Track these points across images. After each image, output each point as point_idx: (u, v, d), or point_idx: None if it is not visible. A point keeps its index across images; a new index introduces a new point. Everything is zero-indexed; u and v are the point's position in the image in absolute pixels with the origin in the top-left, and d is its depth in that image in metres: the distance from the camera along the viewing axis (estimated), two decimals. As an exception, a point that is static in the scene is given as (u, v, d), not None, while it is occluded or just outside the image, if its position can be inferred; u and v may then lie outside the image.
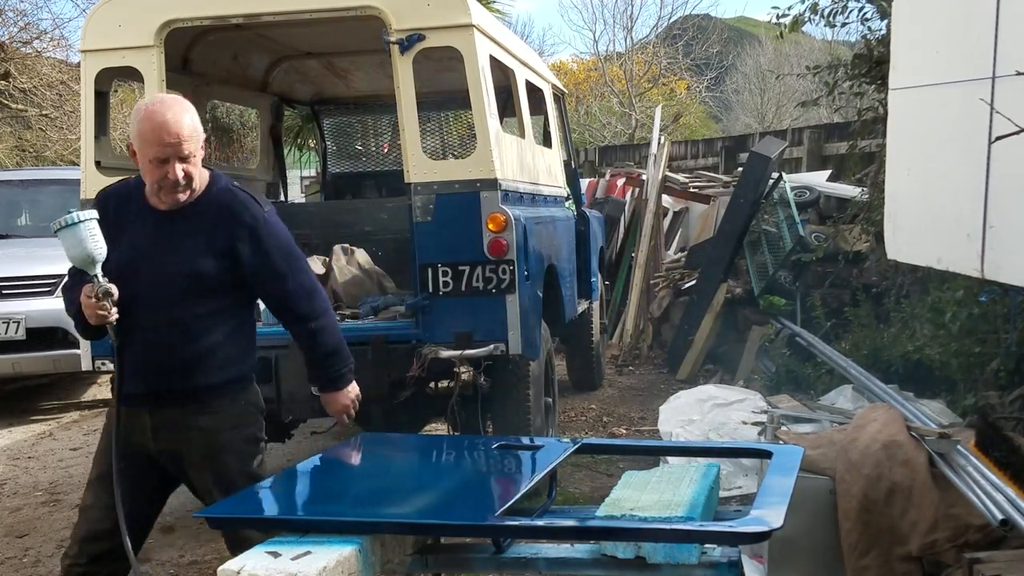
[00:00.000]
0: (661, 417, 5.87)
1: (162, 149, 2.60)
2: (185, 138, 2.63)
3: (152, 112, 2.62)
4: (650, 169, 9.92)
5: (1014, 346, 4.31)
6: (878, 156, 6.22)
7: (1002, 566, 2.89)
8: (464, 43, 4.33)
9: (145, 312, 2.68)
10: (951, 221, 3.45)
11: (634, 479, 2.45)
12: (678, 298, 8.68)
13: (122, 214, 2.76)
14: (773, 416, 4.81)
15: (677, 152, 13.31)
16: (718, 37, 30.88)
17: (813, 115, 17.25)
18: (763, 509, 2.06)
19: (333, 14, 4.41)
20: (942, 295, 4.94)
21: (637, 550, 2.18)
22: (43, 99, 15.05)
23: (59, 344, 7.11)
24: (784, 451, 2.58)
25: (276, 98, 6.47)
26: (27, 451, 6.61)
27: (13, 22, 15.23)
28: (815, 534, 3.47)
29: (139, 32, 4.40)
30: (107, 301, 2.62)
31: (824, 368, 6.07)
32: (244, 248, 2.72)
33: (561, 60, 33.90)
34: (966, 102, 3.25)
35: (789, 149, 10.00)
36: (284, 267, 2.80)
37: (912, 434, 3.49)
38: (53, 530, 4.98)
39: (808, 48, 28.16)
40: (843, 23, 6.52)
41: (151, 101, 2.69)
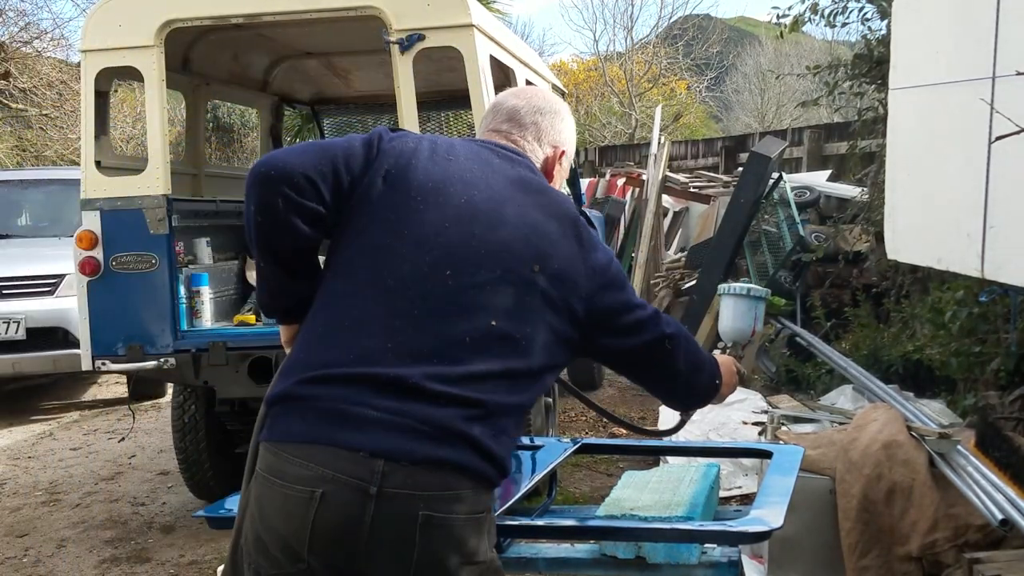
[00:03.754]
0: (661, 417, 5.88)
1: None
2: None
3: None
4: (650, 169, 9.92)
5: (1014, 346, 4.31)
6: (878, 156, 6.22)
7: (1002, 566, 2.89)
8: (464, 43, 4.33)
9: None
10: (951, 221, 3.44)
11: (634, 479, 2.45)
12: (678, 298, 8.68)
13: None
14: (773, 416, 4.81)
15: (677, 152, 13.31)
16: (718, 37, 30.88)
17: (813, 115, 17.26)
18: (763, 509, 2.06)
19: (333, 14, 4.41)
20: (942, 295, 4.94)
21: (637, 550, 2.18)
22: (43, 99, 15.05)
23: (59, 344, 7.10)
24: (784, 451, 2.58)
25: (276, 98, 6.47)
26: (27, 451, 6.61)
27: (13, 22, 15.26)
28: (815, 534, 3.47)
29: (139, 32, 4.40)
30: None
31: (824, 368, 6.07)
32: None
33: (561, 60, 33.93)
34: (966, 102, 3.25)
35: (789, 149, 10.00)
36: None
37: (912, 434, 3.49)
38: (53, 530, 4.98)
39: (808, 48, 28.16)
40: (843, 23, 6.53)
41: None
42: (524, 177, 1.95)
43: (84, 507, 5.34)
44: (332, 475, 1.66)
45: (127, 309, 4.40)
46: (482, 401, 1.73)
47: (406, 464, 1.66)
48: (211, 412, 4.87)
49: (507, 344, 1.78)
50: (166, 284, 4.39)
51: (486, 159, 1.94)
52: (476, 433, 1.72)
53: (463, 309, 1.77)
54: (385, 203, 1.84)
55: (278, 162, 1.80)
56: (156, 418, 7.34)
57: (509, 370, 1.78)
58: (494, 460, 1.75)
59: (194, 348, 4.42)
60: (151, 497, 5.45)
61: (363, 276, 1.81)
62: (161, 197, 4.38)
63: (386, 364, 1.72)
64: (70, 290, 6.07)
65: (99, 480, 5.84)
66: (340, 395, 1.71)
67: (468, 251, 1.80)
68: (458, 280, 1.78)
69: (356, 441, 1.67)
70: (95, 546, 4.72)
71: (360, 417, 1.69)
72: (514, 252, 1.82)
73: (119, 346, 4.40)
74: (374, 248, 1.82)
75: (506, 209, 1.86)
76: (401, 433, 1.68)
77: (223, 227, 5.40)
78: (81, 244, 4.39)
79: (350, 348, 1.75)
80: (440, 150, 1.91)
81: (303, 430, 1.72)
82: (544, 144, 2.06)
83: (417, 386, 1.70)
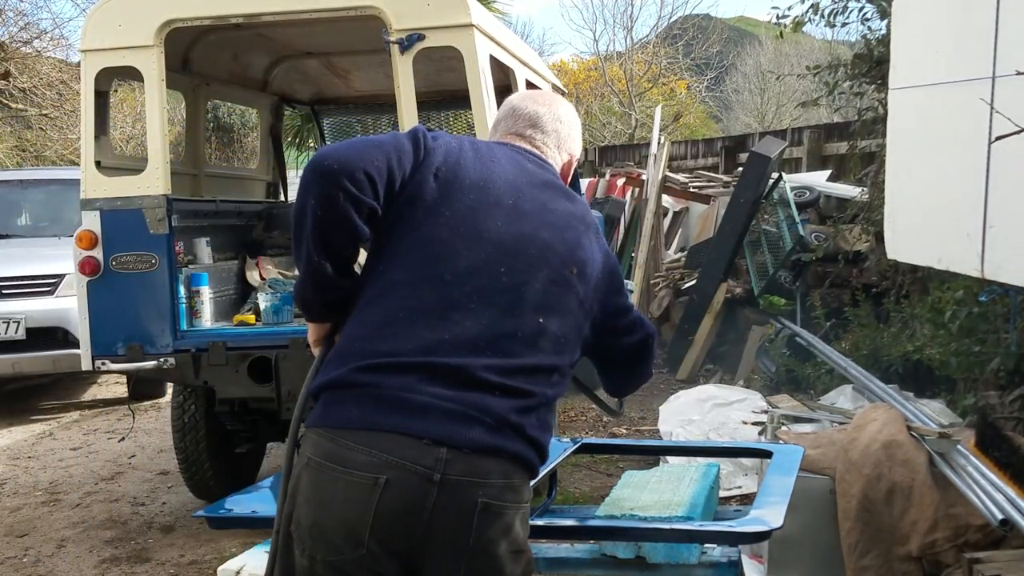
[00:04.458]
0: (661, 417, 5.87)
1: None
2: None
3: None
4: (650, 169, 9.92)
5: (1014, 346, 4.31)
6: (878, 156, 6.22)
7: (1002, 566, 2.89)
8: (464, 43, 4.33)
9: None
10: (951, 221, 3.44)
11: (634, 479, 2.45)
12: (678, 298, 8.68)
13: None
14: (773, 416, 4.81)
15: (677, 152, 13.31)
16: (718, 37, 30.87)
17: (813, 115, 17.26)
18: (763, 509, 2.06)
19: (333, 14, 4.41)
20: (942, 295, 4.94)
21: (637, 550, 2.18)
22: (43, 99, 15.05)
23: (59, 344, 7.10)
24: (784, 451, 2.58)
25: (276, 98, 6.47)
26: (27, 451, 6.61)
27: (13, 22, 15.25)
28: (815, 534, 3.47)
29: (139, 32, 4.40)
30: None
31: (824, 368, 6.07)
32: None
33: (561, 60, 33.93)
34: (966, 102, 3.25)
35: (789, 149, 10.00)
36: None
37: (912, 434, 3.49)
38: (53, 530, 4.98)
39: (808, 48, 28.15)
40: (843, 23, 6.53)
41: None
42: (553, 182, 2.03)
43: (84, 507, 5.34)
44: (397, 461, 1.69)
45: (127, 309, 4.40)
46: (533, 393, 1.81)
47: (468, 452, 1.71)
48: (211, 412, 4.87)
49: (551, 340, 1.87)
50: (166, 284, 4.39)
51: (520, 163, 2.01)
52: (527, 424, 1.79)
53: (516, 305, 1.84)
54: (439, 200, 1.88)
55: (340, 156, 1.82)
56: (156, 418, 7.33)
57: (552, 365, 1.87)
58: (541, 451, 1.84)
59: (194, 348, 4.42)
60: (151, 497, 5.45)
61: (420, 269, 1.85)
62: (161, 197, 4.37)
63: (444, 354, 1.77)
64: (70, 290, 6.07)
65: (99, 480, 5.84)
66: (400, 383, 1.75)
67: (521, 250, 1.88)
68: (512, 277, 1.86)
69: (419, 428, 1.71)
70: (95, 546, 4.72)
71: (421, 404, 1.73)
72: (557, 253, 1.91)
73: (119, 346, 4.40)
74: (430, 242, 1.86)
75: (546, 212, 1.94)
76: (462, 421, 1.73)
77: (223, 227, 5.39)
78: (81, 244, 4.39)
79: (408, 338, 1.79)
80: (482, 152, 1.98)
81: (362, 416, 1.74)
82: (563, 151, 2.14)
83: (475, 376, 1.76)
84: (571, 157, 2.17)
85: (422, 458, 1.69)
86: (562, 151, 2.14)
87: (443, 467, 1.69)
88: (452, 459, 1.70)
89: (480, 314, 1.82)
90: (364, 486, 1.69)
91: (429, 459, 1.69)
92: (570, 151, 2.16)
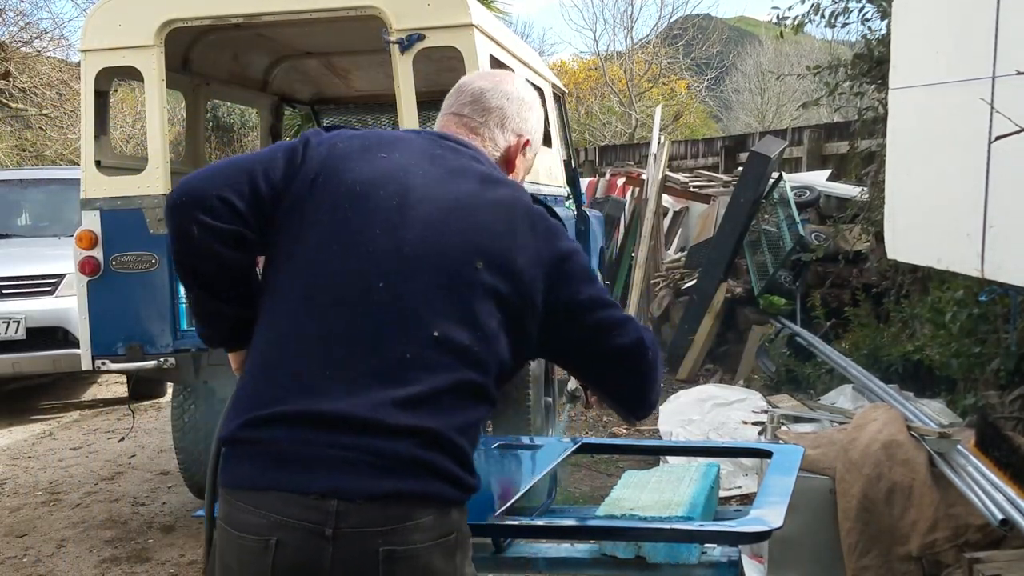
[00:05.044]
0: (661, 417, 5.87)
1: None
2: None
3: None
4: (650, 169, 9.92)
5: (1014, 346, 4.31)
6: (878, 156, 6.22)
7: (1002, 566, 2.89)
8: (464, 43, 4.33)
9: None
10: (951, 221, 3.45)
11: (634, 479, 2.45)
12: (678, 298, 8.68)
13: None
14: (773, 416, 4.81)
15: (677, 152, 13.31)
16: (718, 37, 30.87)
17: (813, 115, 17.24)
18: (763, 509, 2.06)
19: (333, 14, 4.41)
20: (942, 295, 4.94)
21: (637, 550, 2.18)
22: (43, 98, 15.06)
23: (59, 344, 7.10)
24: (784, 451, 2.58)
25: (276, 98, 6.47)
26: (27, 451, 6.61)
27: (13, 22, 15.25)
28: (815, 534, 3.47)
29: (139, 32, 4.40)
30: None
31: (824, 368, 6.08)
32: None
33: (561, 60, 33.93)
34: (966, 102, 3.25)
35: (789, 149, 10.00)
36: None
37: (912, 434, 3.49)
38: (53, 530, 4.98)
39: (808, 48, 28.15)
40: (843, 23, 6.53)
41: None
42: (468, 168, 1.79)
43: (84, 507, 5.34)
44: (285, 520, 1.59)
45: (127, 309, 4.40)
46: (432, 427, 1.62)
47: (361, 501, 1.58)
48: (211, 412, 4.87)
49: (454, 354, 1.66)
50: (166, 284, 4.39)
51: (427, 151, 1.80)
52: (432, 457, 1.62)
53: (401, 322, 1.65)
54: (314, 213, 1.71)
55: (189, 186, 1.71)
56: (156, 418, 7.33)
57: (460, 382, 1.66)
58: (456, 480, 1.65)
59: (194, 348, 4.42)
60: (151, 497, 5.45)
61: (296, 297, 1.69)
62: (161, 197, 4.37)
63: (329, 395, 1.61)
64: (70, 290, 6.07)
65: (99, 480, 5.84)
66: (284, 436, 1.62)
67: (400, 258, 1.67)
68: (392, 291, 1.66)
69: (305, 483, 1.59)
70: (95, 546, 4.72)
71: (307, 457, 1.60)
72: (452, 252, 1.69)
73: (119, 346, 4.40)
74: (305, 264, 1.70)
75: (444, 205, 1.72)
76: (352, 469, 1.59)
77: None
78: (81, 244, 4.39)
79: (289, 381, 1.65)
80: (374, 147, 1.78)
81: (252, 476, 1.64)
82: (507, 131, 1.93)
83: (365, 418, 1.60)
84: (519, 138, 1.94)
85: (310, 514, 1.57)
86: (506, 130, 1.92)
87: (335, 520, 1.57)
88: (344, 511, 1.57)
89: (363, 341, 1.64)
90: (256, 549, 1.60)
91: (318, 514, 1.57)
92: (518, 130, 1.94)
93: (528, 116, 1.97)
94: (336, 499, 1.58)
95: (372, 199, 1.71)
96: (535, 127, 1.99)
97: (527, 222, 1.75)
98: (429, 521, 1.62)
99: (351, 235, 1.69)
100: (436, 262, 1.68)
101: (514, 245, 1.72)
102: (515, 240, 1.72)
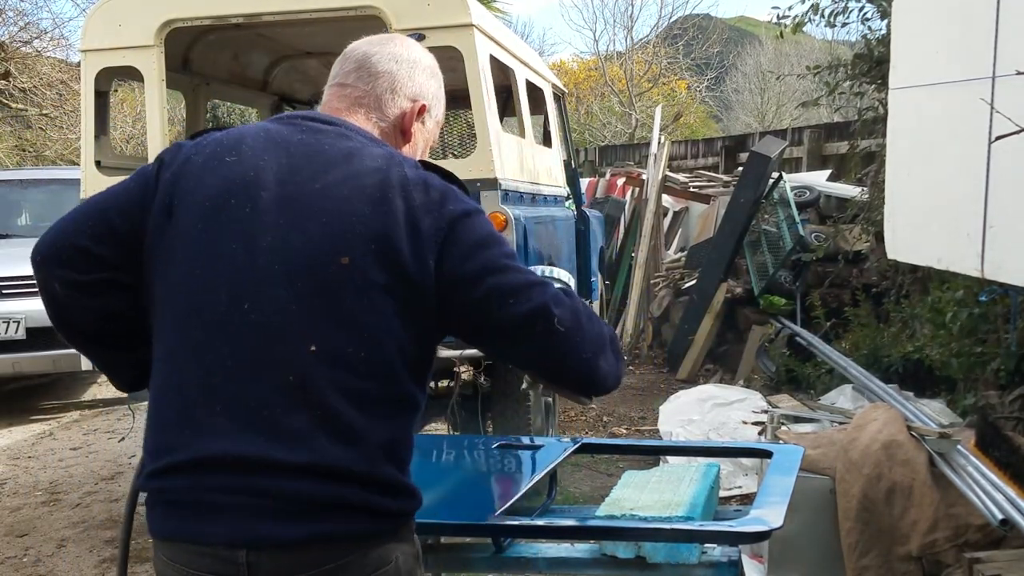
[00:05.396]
0: (661, 417, 5.88)
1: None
2: None
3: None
4: (650, 169, 9.92)
5: (1014, 346, 4.31)
6: (878, 156, 6.22)
7: (1002, 566, 2.89)
8: (464, 43, 4.33)
9: None
10: (951, 221, 3.45)
11: (634, 479, 2.45)
12: (678, 298, 8.69)
13: None
14: (773, 416, 4.81)
15: (677, 152, 13.31)
16: (718, 37, 30.88)
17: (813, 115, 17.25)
18: (763, 509, 2.06)
19: (333, 14, 4.41)
20: (942, 295, 4.94)
21: (637, 550, 2.18)
22: (43, 98, 15.06)
23: (59, 344, 7.03)
24: (784, 451, 2.58)
25: (276, 98, 6.47)
26: (27, 451, 6.61)
27: (13, 22, 15.25)
28: (815, 534, 3.47)
29: (139, 32, 4.40)
30: None
31: (824, 368, 6.08)
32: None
33: (561, 60, 33.95)
34: (966, 102, 3.25)
35: (789, 149, 10.00)
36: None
37: (912, 434, 3.49)
38: (53, 530, 4.98)
39: (808, 48, 28.16)
40: (843, 23, 6.53)
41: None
42: (333, 149, 1.59)
43: (84, 507, 5.34)
44: (196, 574, 1.50)
45: (127, 309, 4.40)
46: (331, 459, 1.46)
47: (271, 549, 1.45)
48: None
49: (339, 367, 1.48)
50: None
51: (282, 141, 1.61)
52: (338, 492, 1.47)
53: (276, 343, 1.49)
54: (173, 242, 1.55)
55: (42, 242, 1.62)
56: (156, 418, 7.33)
57: (357, 395, 1.49)
58: (376, 511, 1.50)
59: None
60: (151, 497, 5.45)
61: (174, 334, 1.55)
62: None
63: (218, 434, 1.48)
64: (70, 290, 6.06)
65: (99, 480, 5.84)
66: (184, 485, 1.50)
67: (261, 272, 1.50)
68: (258, 310, 1.49)
69: (210, 534, 1.47)
70: (95, 546, 4.72)
71: (210, 505, 1.47)
72: (313, 251, 1.50)
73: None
74: (175, 298, 1.55)
75: (302, 200, 1.54)
76: (256, 515, 1.45)
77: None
78: (81, 244, 4.38)
79: (180, 426, 1.51)
80: (224, 151, 1.60)
81: (163, 527, 1.54)
82: (399, 96, 1.72)
83: (263, 457, 1.46)
84: (414, 103, 1.73)
85: (220, 567, 1.47)
86: (398, 95, 1.71)
87: (247, 571, 1.46)
88: (255, 560, 1.45)
89: (240, 371, 1.49)
90: None
91: (227, 566, 1.46)
92: (412, 95, 1.73)
93: (423, 80, 1.76)
94: (244, 549, 1.46)
95: (224, 212, 1.54)
96: (433, 92, 1.78)
97: (402, 194, 1.54)
98: (354, 559, 1.49)
99: (211, 258, 1.53)
100: (298, 267, 1.50)
101: (389, 224, 1.51)
102: (389, 218, 1.51)
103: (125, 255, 1.59)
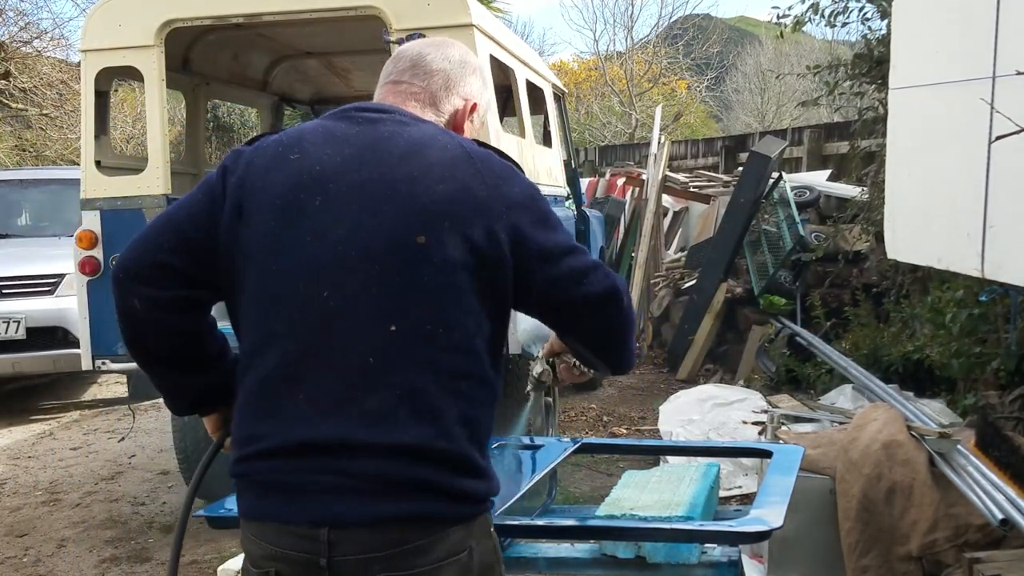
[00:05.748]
0: (661, 417, 5.88)
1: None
2: None
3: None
4: (650, 169, 9.92)
5: (1014, 346, 4.31)
6: (878, 156, 6.22)
7: (1002, 566, 2.89)
8: (464, 43, 4.32)
9: None
10: (951, 221, 3.45)
11: (634, 479, 2.45)
12: (678, 298, 8.69)
13: None
14: (773, 416, 4.81)
15: (677, 152, 13.31)
16: (718, 37, 30.87)
17: (813, 115, 17.26)
18: (763, 509, 2.06)
19: (333, 14, 4.41)
20: (942, 295, 4.94)
21: (637, 550, 2.18)
22: (43, 98, 15.05)
23: (59, 344, 7.11)
24: (784, 451, 2.58)
25: (276, 98, 6.47)
26: (27, 451, 6.61)
27: (13, 22, 15.24)
28: (815, 534, 3.47)
29: (139, 32, 4.40)
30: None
31: (824, 368, 6.08)
32: None
33: (561, 60, 33.94)
34: (966, 102, 3.25)
35: (789, 149, 10.01)
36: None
37: (912, 434, 3.49)
38: (53, 530, 4.98)
39: (808, 48, 28.15)
40: (843, 23, 6.53)
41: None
42: (393, 135, 1.64)
43: (84, 507, 5.34)
44: (281, 552, 1.55)
45: (127, 309, 4.40)
46: (411, 438, 1.51)
47: (353, 528, 1.51)
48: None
49: (419, 343, 1.53)
50: (166, 284, 4.39)
51: (340, 135, 1.66)
52: (417, 473, 1.52)
53: (356, 327, 1.54)
54: (248, 243, 1.60)
55: (122, 259, 1.66)
56: (156, 418, 7.33)
57: (437, 373, 1.54)
58: (455, 494, 1.54)
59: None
60: (151, 497, 5.45)
61: (257, 331, 1.61)
62: (161, 197, 4.38)
63: (307, 421, 1.54)
64: (70, 290, 6.07)
65: (99, 480, 5.84)
66: (273, 467, 1.56)
67: (337, 259, 1.56)
68: (339, 297, 1.55)
69: (294, 513, 1.54)
70: (95, 546, 4.72)
71: (295, 485, 1.54)
72: (388, 234, 1.55)
73: (119, 345, 4.39)
74: (256, 298, 1.61)
75: (370, 187, 1.58)
76: (341, 495, 1.51)
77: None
78: (81, 244, 4.39)
79: (266, 417, 1.58)
80: (286, 150, 1.65)
81: (252, 507, 1.61)
82: (453, 94, 1.79)
83: (345, 439, 1.52)
84: (466, 102, 1.81)
85: (303, 544, 1.53)
86: (452, 93, 1.78)
87: (328, 550, 1.51)
88: (336, 539, 1.51)
89: (323, 358, 1.55)
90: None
91: (311, 544, 1.52)
92: (464, 94, 1.81)
93: (474, 80, 1.85)
94: (327, 527, 1.51)
95: (295, 207, 1.59)
96: (481, 92, 1.88)
97: (471, 170, 1.60)
98: (432, 542, 1.52)
99: (286, 251, 1.58)
100: (375, 250, 1.55)
101: (460, 201, 1.57)
102: (459, 195, 1.57)
103: (200, 267, 1.64)
